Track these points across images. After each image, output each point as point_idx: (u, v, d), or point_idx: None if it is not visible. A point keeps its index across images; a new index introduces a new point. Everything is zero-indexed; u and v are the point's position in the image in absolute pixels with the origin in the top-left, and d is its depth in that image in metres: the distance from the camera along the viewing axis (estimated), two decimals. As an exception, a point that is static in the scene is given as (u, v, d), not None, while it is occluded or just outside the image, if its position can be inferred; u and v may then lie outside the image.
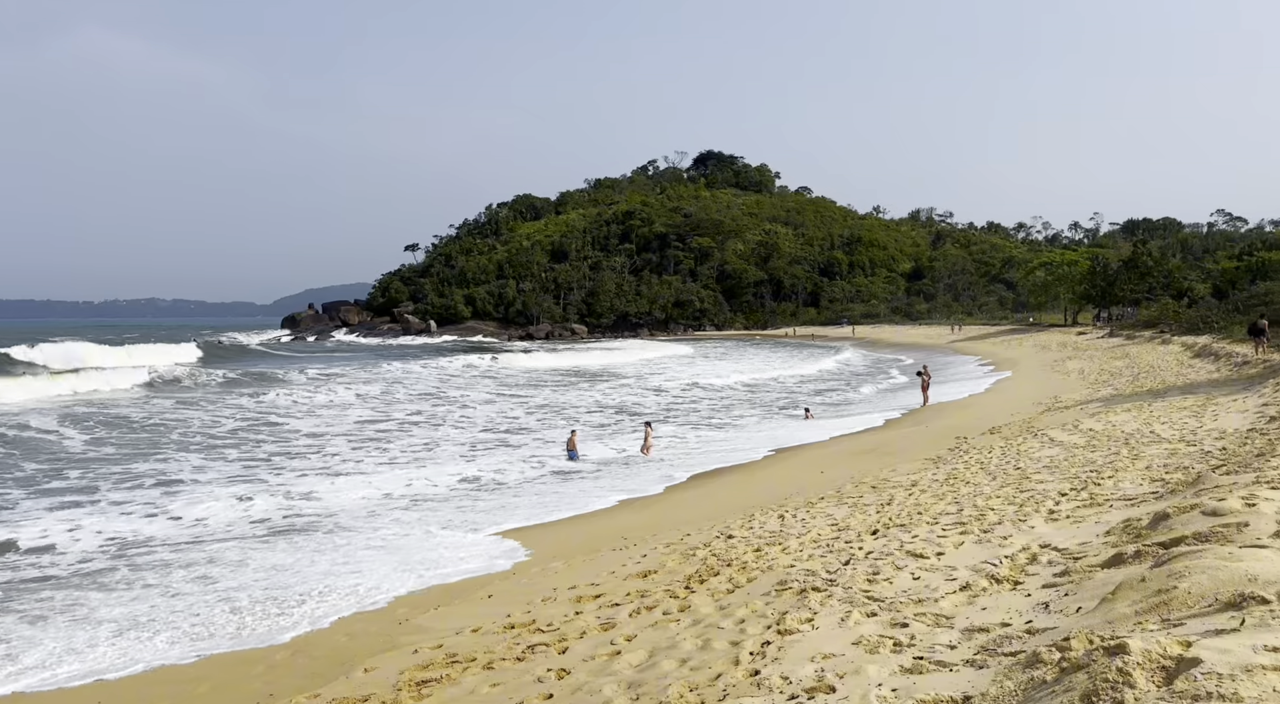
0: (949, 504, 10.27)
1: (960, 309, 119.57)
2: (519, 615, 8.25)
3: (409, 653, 7.57)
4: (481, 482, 17.14)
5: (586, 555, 11.21)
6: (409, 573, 10.62)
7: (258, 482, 17.35)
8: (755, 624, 6.39)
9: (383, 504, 15.11)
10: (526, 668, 6.53)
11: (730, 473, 17.45)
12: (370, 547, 12.10)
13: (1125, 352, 41.11)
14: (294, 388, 38.03)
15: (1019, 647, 4.63)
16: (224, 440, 23.21)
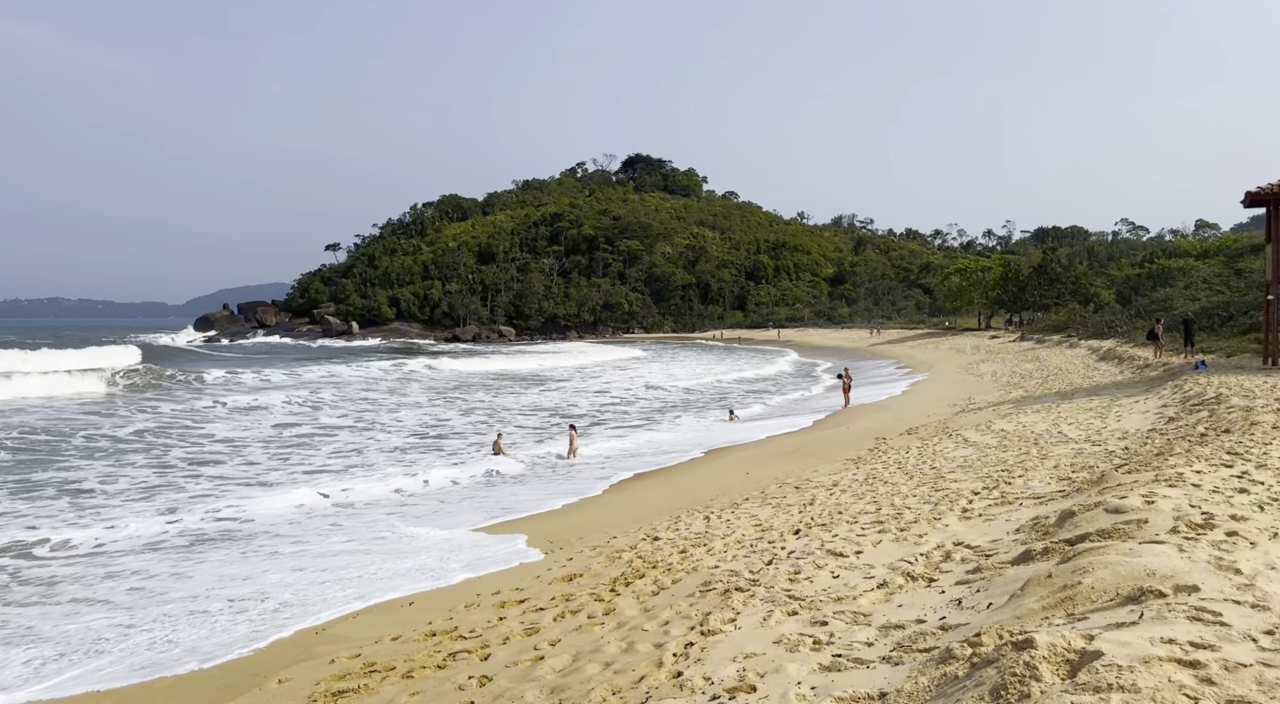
0: (868, 504, 10.50)
1: (880, 313, 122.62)
2: (441, 622, 8.12)
3: (325, 663, 7.38)
4: (406, 489, 16.83)
5: (506, 555, 11.11)
6: (330, 582, 10.34)
7: (174, 492, 16.71)
8: (679, 625, 6.41)
9: (304, 513, 14.70)
10: (447, 675, 6.42)
11: (658, 475, 17.51)
12: (289, 555, 11.75)
13: (1035, 355, 42.70)
14: (263, 394, 36.73)
15: (933, 643, 4.75)
16: (131, 447, 22.28)
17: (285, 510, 14.64)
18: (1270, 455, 8.86)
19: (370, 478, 17.57)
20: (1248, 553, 5.12)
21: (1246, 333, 30.52)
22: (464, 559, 11.19)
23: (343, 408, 31.71)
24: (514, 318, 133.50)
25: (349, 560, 11.27)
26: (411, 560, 11.27)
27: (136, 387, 39.80)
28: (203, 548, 12.20)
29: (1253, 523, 5.90)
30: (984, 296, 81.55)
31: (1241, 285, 42.08)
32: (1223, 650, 3.41)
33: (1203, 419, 13.49)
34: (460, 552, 11.64)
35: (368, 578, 10.43)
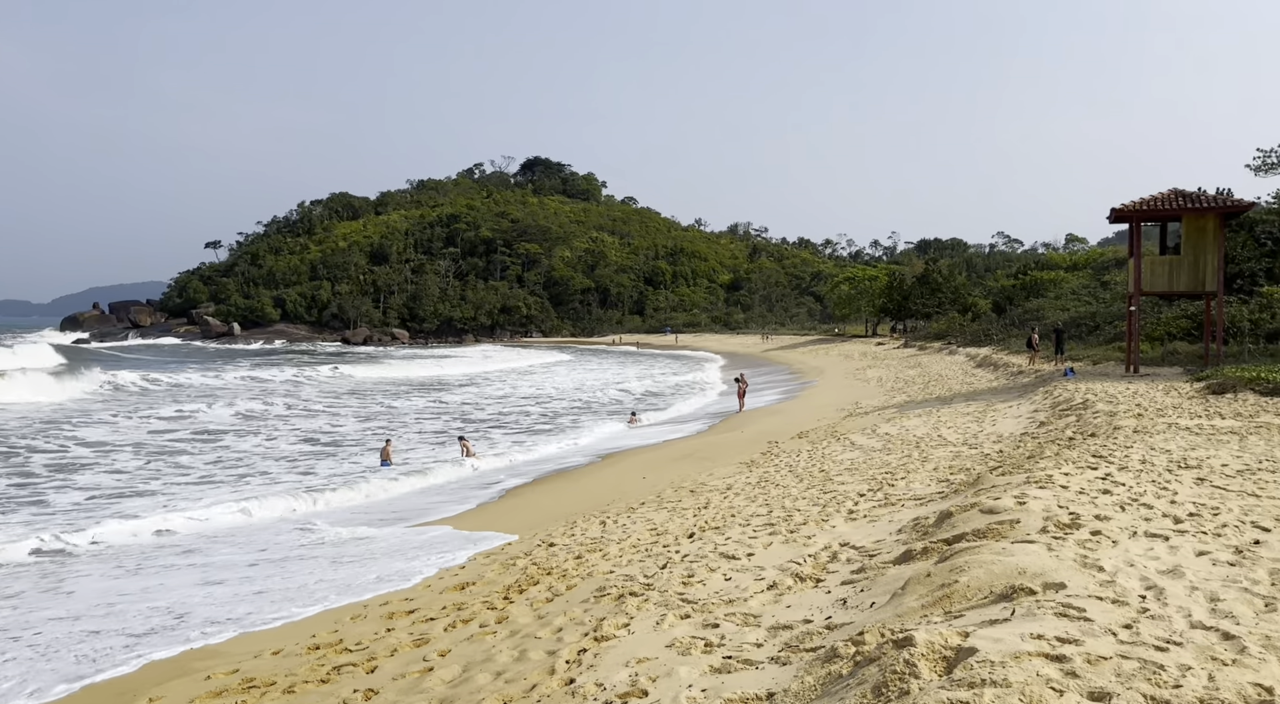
0: (760, 506, 10.70)
1: (774, 320, 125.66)
2: (325, 635, 7.83)
3: (200, 679, 7.01)
4: (299, 509, 16.21)
5: (402, 563, 10.82)
6: (212, 586, 9.85)
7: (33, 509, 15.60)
8: (573, 632, 6.37)
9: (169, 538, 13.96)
10: (331, 690, 6.20)
11: (555, 481, 17.41)
12: (180, 568, 11.13)
13: (918, 361, 44.51)
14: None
15: (819, 643, 4.86)
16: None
17: (175, 527, 13.88)
18: (1131, 458, 9.46)
19: (270, 492, 16.85)
20: (1110, 551, 5.45)
21: (1111, 342, 32.59)
22: (347, 573, 10.83)
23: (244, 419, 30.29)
24: (408, 320, 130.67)
25: (249, 572, 10.77)
26: (301, 577, 10.85)
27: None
28: (81, 564, 11.44)
29: (1115, 522, 6.28)
30: (871, 304, 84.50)
31: (1107, 297, 44.92)
32: (1086, 645, 3.61)
33: (1071, 423, 14.31)
34: (353, 564, 11.27)
35: (270, 592, 9.98)
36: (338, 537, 12.67)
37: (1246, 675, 3.36)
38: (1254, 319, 28.16)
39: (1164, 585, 4.68)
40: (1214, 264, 22.86)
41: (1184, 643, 3.72)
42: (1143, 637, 3.78)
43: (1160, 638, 3.77)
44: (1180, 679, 3.26)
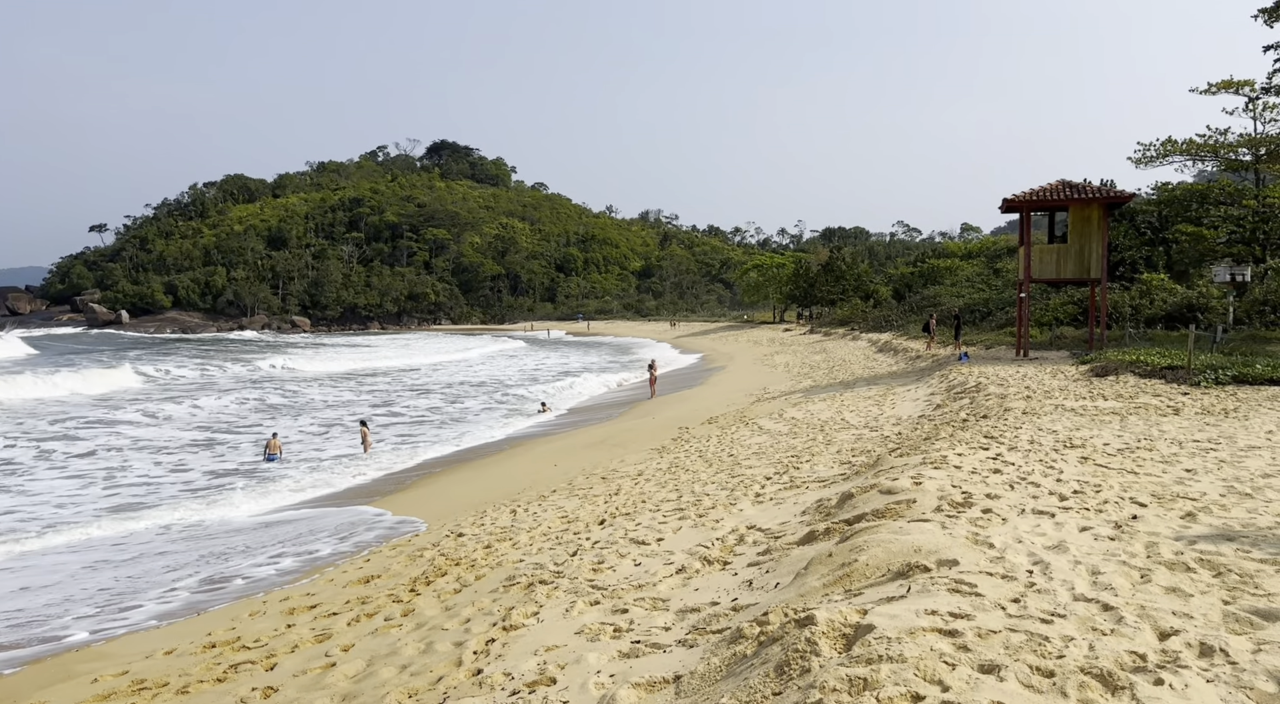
0: (670, 492, 10.79)
1: (685, 307, 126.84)
2: (221, 633, 7.55)
3: (87, 682, 6.67)
4: (167, 490, 15.56)
5: (304, 561, 10.53)
6: (98, 589, 9.37)
7: None
8: (481, 622, 6.31)
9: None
10: (228, 689, 5.98)
11: (465, 469, 17.18)
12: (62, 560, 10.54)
13: (823, 347, 45.63)
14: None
15: (725, 624, 4.94)
16: None
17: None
18: (1020, 438, 9.91)
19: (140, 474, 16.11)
20: (1000, 528, 5.69)
21: (1003, 327, 34.06)
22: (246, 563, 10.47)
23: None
24: (309, 307, 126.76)
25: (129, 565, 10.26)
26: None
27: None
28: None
29: (1004, 500, 6.57)
30: (779, 292, 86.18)
31: (999, 283, 46.91)
32: (977, 619, 3.76)
33: (965, 406, 14.90)
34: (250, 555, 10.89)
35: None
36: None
37: (1123, 644, 3.56)
38: (1135, 305, 29.88)
39: (1049, 560, 4.92)
40: (1098, 252, 24.09)
41: (1067, 615, 3.92)
42: (1030, 610, 3.96)
43: (1046, 611, 3.96)
44: (1064, 650, 3.43)
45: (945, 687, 3.08)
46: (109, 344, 78.81)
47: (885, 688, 3.06)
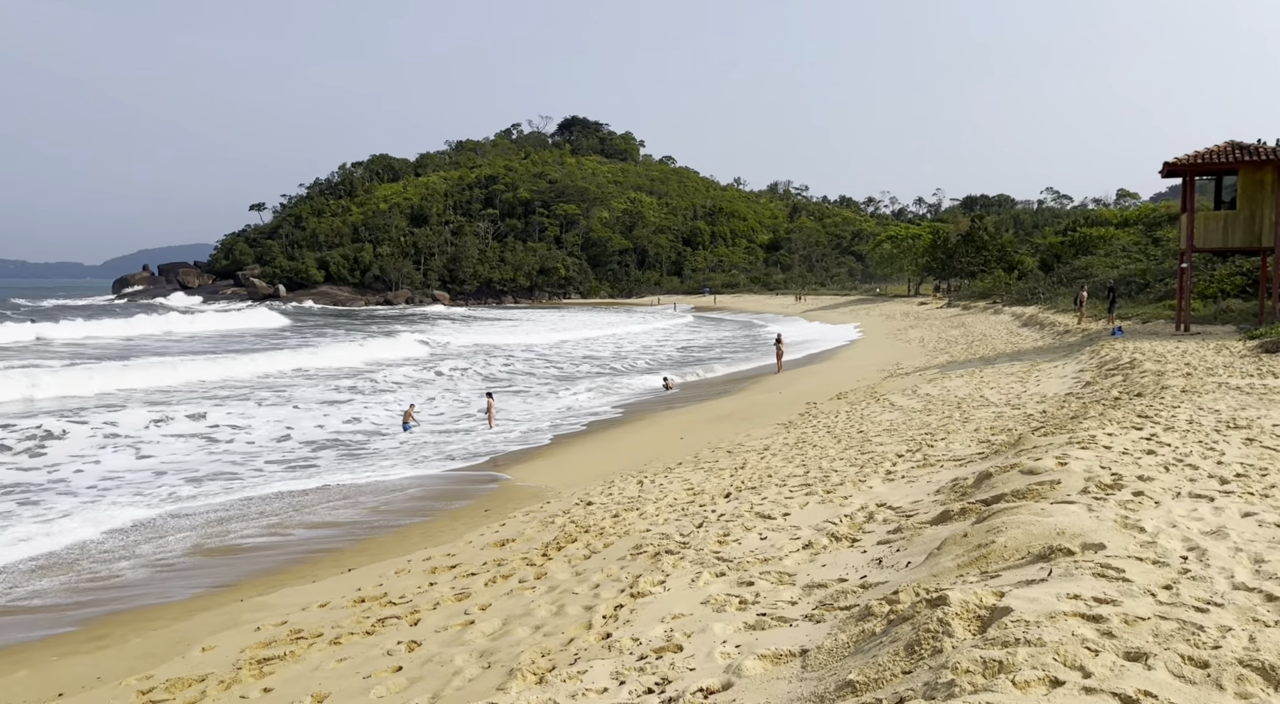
0: (797, 467, 10.70)
1: (814, 280, 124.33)
2: (370, 589, 8.05)
3: (250, 630, 7.26)
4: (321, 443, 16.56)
5: (446, 522, 11.06)
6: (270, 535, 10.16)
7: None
8: (610, 588, 6.47)
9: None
10: (376, 641, 6.38)
11: (592, 440, 17.56)
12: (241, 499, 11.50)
13: (962, 321, 43.86)
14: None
15: (853, 601, 4.88)
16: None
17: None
18: (1178, 418, 9.27)
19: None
20: (1152, 512, 5.37)
21: (1162, 300, 31.77)
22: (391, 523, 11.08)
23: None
24: (448, 282, 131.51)
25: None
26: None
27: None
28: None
29: (1158, 483, 6.18)
30: (914, 264, 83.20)
31: (1158, 253, 43.69)
32: (1124, 605, 3.58)
33: (1117, 383, 14.04)
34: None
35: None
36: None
37: (1289, 638, 3.31)
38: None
39: (1207, 546, 4.61)
40: (1271, 219, 22.08)
41: (1225, 604, 3.67)
42: (1183, 598, 3.73)
43: (1201, 599, 3.72)
44: (1220, 640, 3.22)
45: (1087, 673, 2.95)
46: (326, 317, 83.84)
47: (1022, 671, 2.96)
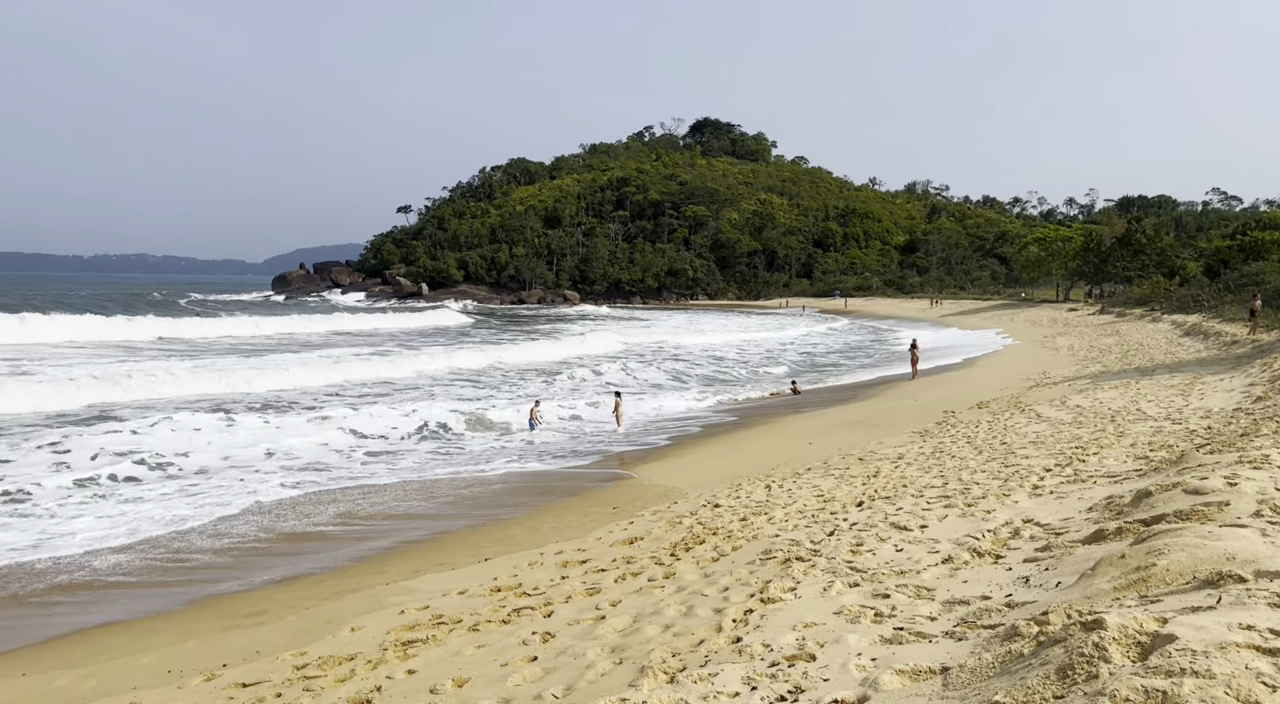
0: (934, 478, 10.35)
1: (953, 283, 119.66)
2: (506, 579, 8.31)
3: (395, 613, 7.63)
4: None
5: (576, 518, 11.30)
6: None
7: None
8: (739, 592, 6.45)
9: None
10: (511, 630, 6.59)
11: (719, 443, 17.53)
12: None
13: (1116, 329, 41.29)
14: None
15: (998, 620, 4.69)
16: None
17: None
18: (1366, 440, 8.44)
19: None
20: (1337, 540, 4.91)
21: (1346, 310, 28.94)
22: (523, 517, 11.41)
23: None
24: (579, 282, 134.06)
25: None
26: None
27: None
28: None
29: (1344, 510, 5.65)
30: (1063, 267, 78.96)
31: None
32: (1306, 640, 3.29)
33: (1293, 400, 12.90)
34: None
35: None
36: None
37: None
38: None
39: (1406, 584, 4.17)
40: None
41: None
42: (1378, 638, 3.40)
43: (1400, 641, 3.38)
44: None
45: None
46: (500, 317, 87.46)
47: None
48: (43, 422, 19.16)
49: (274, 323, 55.55)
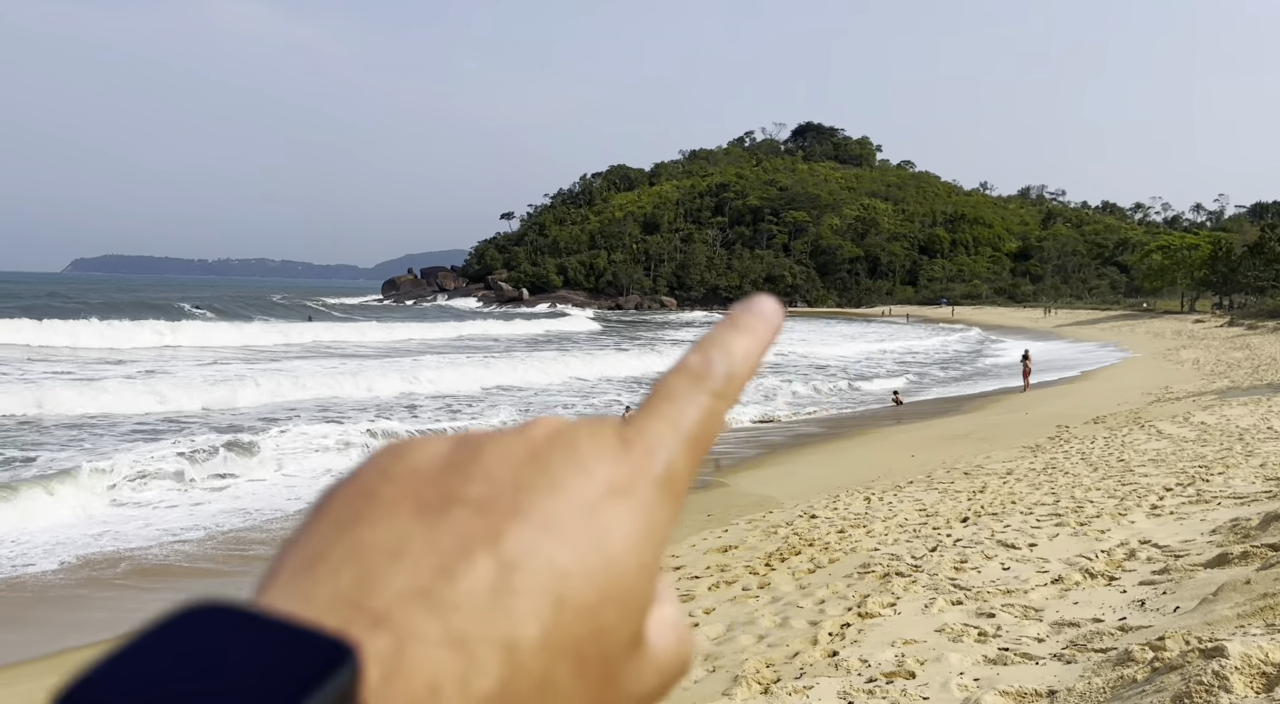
0: (1045, 494, 9.97)
1: (1069, 292, 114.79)
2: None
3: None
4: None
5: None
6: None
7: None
8: (835, 605, 6.36)
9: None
10: (606, 633, 6.66)
11: (816, 453, 17.30)
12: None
13: (1246, 342, 38.83)
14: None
15: (1110, 644, 4.49)
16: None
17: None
18: None
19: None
20: None
21: None
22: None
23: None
24: (676, 288, 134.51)
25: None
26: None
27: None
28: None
29: None
30: (1188, 277, 74.85)
31: None
32: None
33: None
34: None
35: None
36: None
37: None
38: None
39: None
40: None
41: None
42: None
43: None
44: None
45: None
46: (619, 323, 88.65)
47: (1321, 746, 2.60)
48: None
49: (422, 328, 57.55)
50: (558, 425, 0.34)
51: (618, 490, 0.32)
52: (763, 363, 0.39)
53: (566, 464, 0.32)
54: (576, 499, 0.31)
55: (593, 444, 0.33)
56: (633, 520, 0.31)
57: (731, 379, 0.37)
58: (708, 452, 0.36)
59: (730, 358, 0.37)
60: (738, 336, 0.38)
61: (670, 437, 0.34)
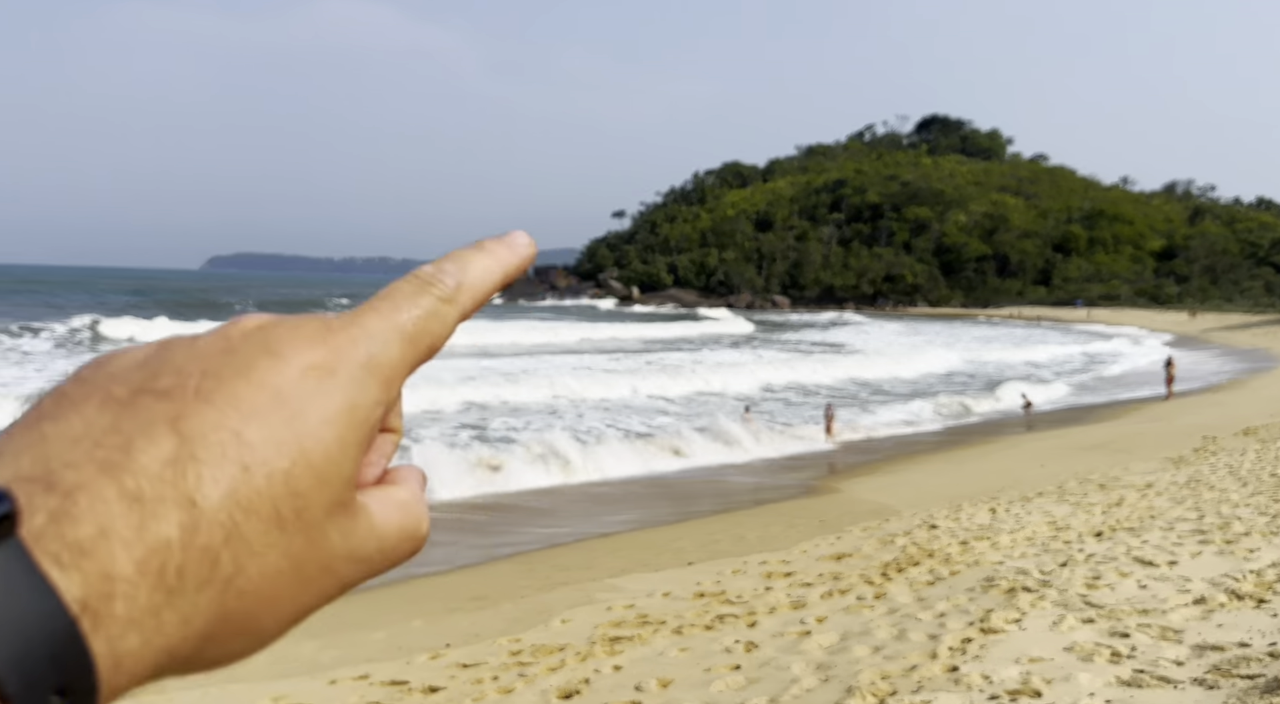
0: (1188, 510, 9.33)
1: (1218, 294, 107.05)
2: (709, 584, 8.36)
3: (603, 609, 7.88)
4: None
5: (781, 529, 11.19)
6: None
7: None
8: (956, 619, 6.12)
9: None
10: (714, 637, 6.61)
11: (935, 459, 16.73)
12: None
13: None
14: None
15: (1258, 669, 4.15)
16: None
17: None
18: None
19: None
20: None
21: None
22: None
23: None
24: (789, 287, 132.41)
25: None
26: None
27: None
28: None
29: None
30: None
31: None
32: None
33: None
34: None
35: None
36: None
37: None
38: None
39: None
40: None
41: None
42: None
43: None
44: None
45: None
46: (765, 326, 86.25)
47: None
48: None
49: (587, 328, 56.89)
50: (258, 322, 0.35)
51: (316, 370, 0.34)
52: (502, 285, 0.42)
53: (258, 351, 0.33)
54: (267, 380, 0.33)
55: (290, 334, 0.34)
56: (329, 398, 0.33)
57: (462, 288, 0.40)
58: (429, 351, 0.38)
59: (464, 270, 0.40)
60: (478, 255, 0.42)
61: (380, 327, 0.36)
